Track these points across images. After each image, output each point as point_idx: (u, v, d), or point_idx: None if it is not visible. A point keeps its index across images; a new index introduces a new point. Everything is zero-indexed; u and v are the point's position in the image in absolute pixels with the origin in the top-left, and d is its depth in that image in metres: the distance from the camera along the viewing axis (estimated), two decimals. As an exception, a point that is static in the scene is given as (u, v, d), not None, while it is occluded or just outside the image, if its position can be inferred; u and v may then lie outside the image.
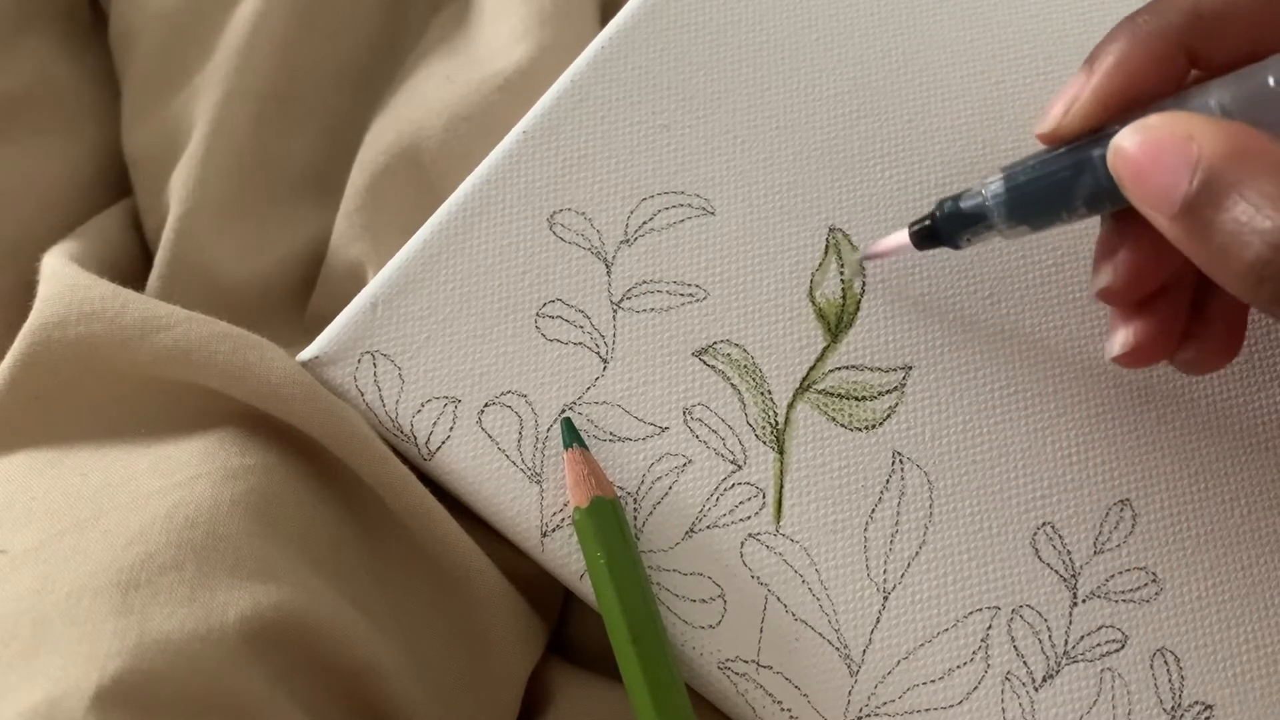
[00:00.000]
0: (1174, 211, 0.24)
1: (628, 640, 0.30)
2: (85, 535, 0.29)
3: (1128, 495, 0.34)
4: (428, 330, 0.34)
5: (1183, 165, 0.24)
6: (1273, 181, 0.23)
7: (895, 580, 0.33)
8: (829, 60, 0.38)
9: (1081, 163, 0.28)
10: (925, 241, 0.32)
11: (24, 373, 0.31)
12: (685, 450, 0.33)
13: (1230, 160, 0.23)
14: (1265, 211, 0.23)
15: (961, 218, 0.30)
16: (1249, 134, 0.24)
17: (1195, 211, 0.24)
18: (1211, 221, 0.24)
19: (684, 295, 0.35)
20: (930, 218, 0.31)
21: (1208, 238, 0.24)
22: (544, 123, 0.36)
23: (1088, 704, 0.32)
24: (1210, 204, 0.24)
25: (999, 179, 0.29)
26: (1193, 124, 0.24)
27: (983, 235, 0.30)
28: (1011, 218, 0.29)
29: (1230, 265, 0.24)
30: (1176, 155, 0.24)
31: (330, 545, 0.31)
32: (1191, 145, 0.24)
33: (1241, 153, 0.23)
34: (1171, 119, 0.25)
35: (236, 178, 0.39)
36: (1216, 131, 0.24)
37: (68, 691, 0.25)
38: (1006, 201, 0.29)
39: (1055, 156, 0.28)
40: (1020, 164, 0.29)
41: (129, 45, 0.41)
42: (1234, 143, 0.24)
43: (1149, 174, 0.25)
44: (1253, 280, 0.23)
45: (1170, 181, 0.24)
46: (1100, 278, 0.30)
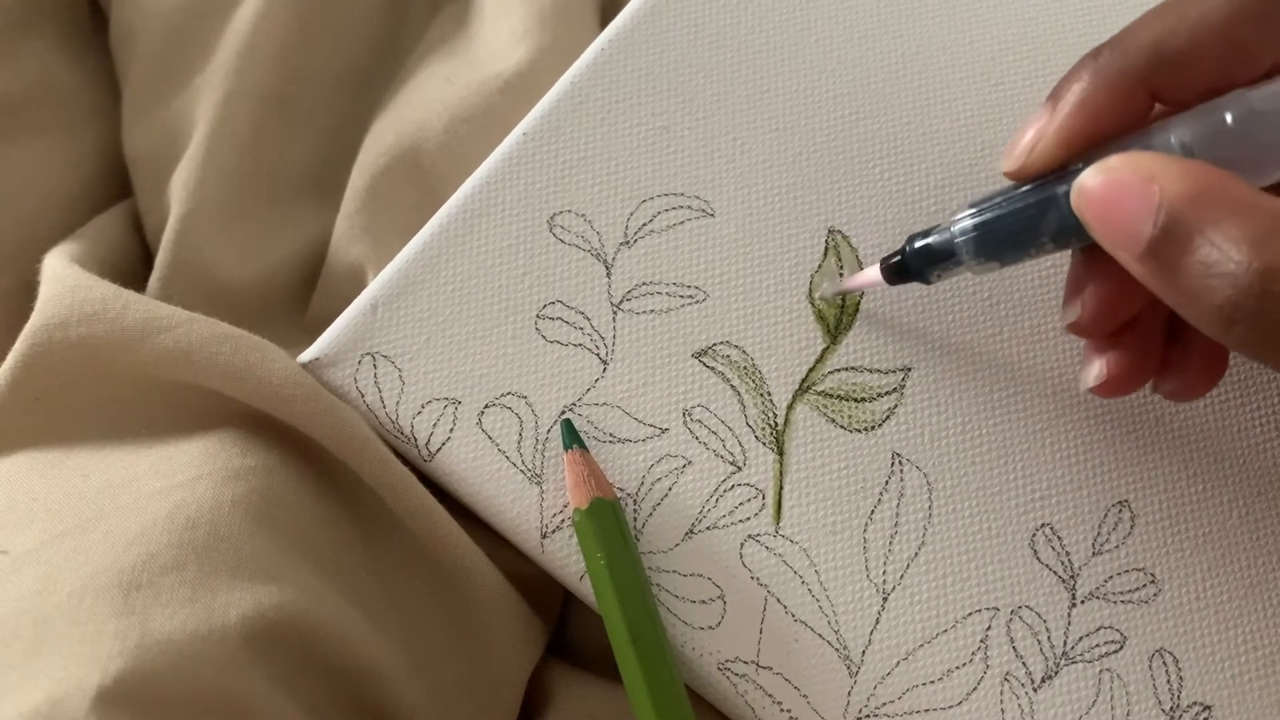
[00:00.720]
0: (1139, 253, 0.24)
1: (627, 641, 0.30)
2: (87, 536, 0.29)
3: (1126, 496, 0.34)
4: (428, 332, 0.34)
5: (1145, 208, 0.24)
6: (1236, 223, 0.23)
7: (894, 581, 0.33)
8: (828, 62, 0.38)
9: (1047, 200, 0.27)
10: (896, 277, 0.32)
11: (25, 373, 0.31)
12: (685, 451, 0.33)
13: (1192, 202, 0.23)
14: (1230, 254, 0.22)
15: (930, 254, 0.30)
16: (1210, 174, 0.24)
17: (1160, 254, 0.24)
18: (1177, 264, 0.23)
19: (684, 297, 0.35)
20: (900, 253, 0.31)
21: (1174, 280, 0.24)
22: (544, 124, 0.36)
23: (1086, 704, 0.32)
24: (1174, 247, 0.23)
25: (967, 216, 0.29)
26: (1154, 165, 0.24)
27: (952, 271, 0.30)
28: (979, 254, 0.29)
29: (1199, 308, 0.23)
30: (1139, 198, 0.24)
31: (331, 546, 0.31)
32: (1153, 187, 0.24)
33: (1203, 194, 0.23)
34: (1132, 160, 0.25)
35: (237, 179, 0.40)
36: (1178, 172, 0.24)
37: (69, 692, 0.25)
38: (975, 239, 0.29)
39: (1022, 194, 0.28)
40: (987, 201, 0.29)
41: (129, 46, 0.41)
42: (1196, 184, 0.23)
43: (1112, 216, 0.25)
44: (1222, 323, 0.23)
45: (1134, 224, 0.24)
46: (1069, 312, 0.30)
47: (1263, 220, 0.23)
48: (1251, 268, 0.22)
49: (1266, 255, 0.22)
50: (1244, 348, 0.24)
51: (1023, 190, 0.28)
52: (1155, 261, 0.24)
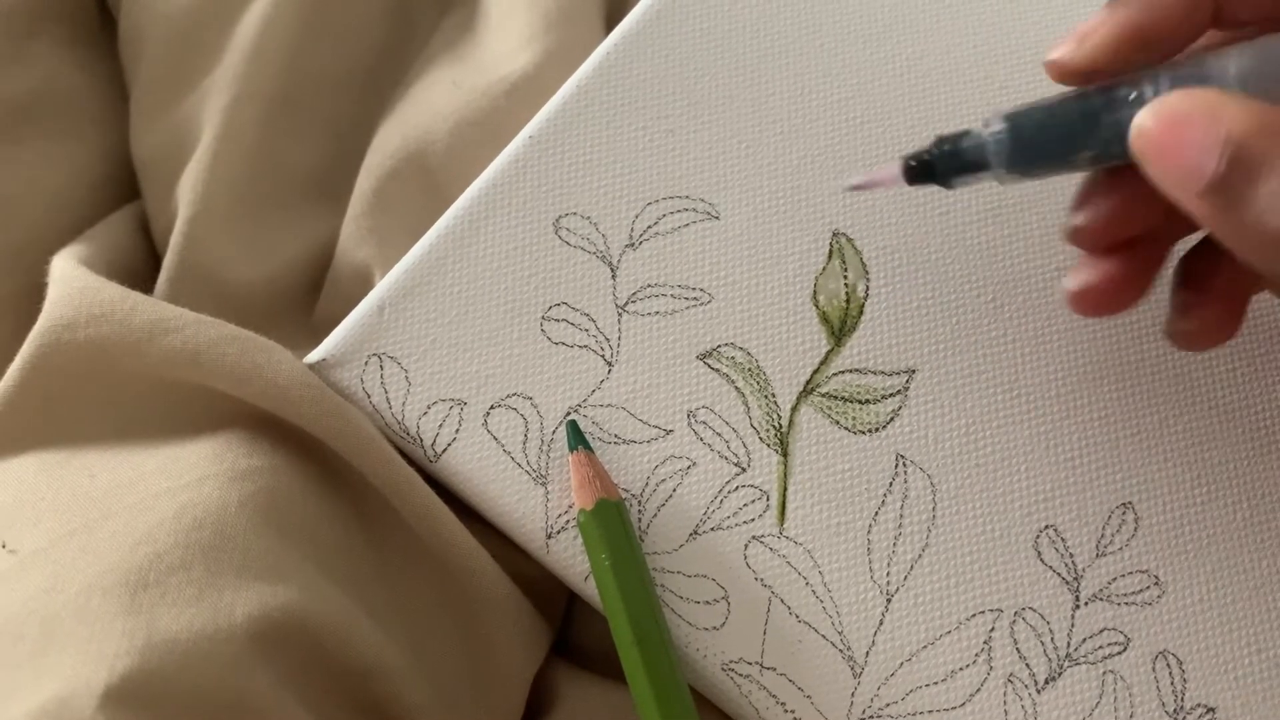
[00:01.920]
0: (1201, 188, 0.24)
1: (632, 642, 0.30)
2: (94, 535, 0.29)
3: (1130, 498, 0.34)
4: (434, 333, 0.34)
5: (1211, 143, 0.23)
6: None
7: (898, 582, 0.33)
8: (833, 66, 0.38)
9: (1090, 117, 0.27)
10: (918, 177, 0.30)
11: (33, 374, 0.32)
12: (689, 453, 0.34)
13: (1260, 136, 0.23)
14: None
15: (959, 158, 0.29)
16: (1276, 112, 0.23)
17: (1225, 188, 0.23)
18: (1243, 197, 0.23)
19: (688, 299, 0.35)
20: (927, 153, 0.30)
21: (1239, 213, 0.23)
22: (550, 127, 0.36)
23: (1090, 706, 0.32)
24: (1241, 180, 0.23)
25: (1002, 123, 0.28)
26: (1220, 100, 0.24)
27: (978, 178, 0.29)
28: (1011, 164, 0.28)
29: (1263, 240, 0.23)
30: (1204, 133, 0.24)
31: (337, 546, 0.31)
32: (1219, 123, 0.23)
33: (1272, 129, 0.23)
34: (1194, 96, 0.24)
35: (244, 181, 0.40)
36: (1242, 108, 0.23)
37: (77, 690, 0.25)
38: (1008, 147, 0.28)
39: (1061, 106, 0.27)
40: (1025, 110, 0.28)
41: (137, 49, 0.41)
42: (1265, 118, 0.23)
43: (1174, 153, 0.24)
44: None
45: (1197, 160, 0.24)
46: (1076, 217, 0.29)
47: None
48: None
49: None
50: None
51: (1062, 103, 0.27)
52: (1218, 196, 0.24)
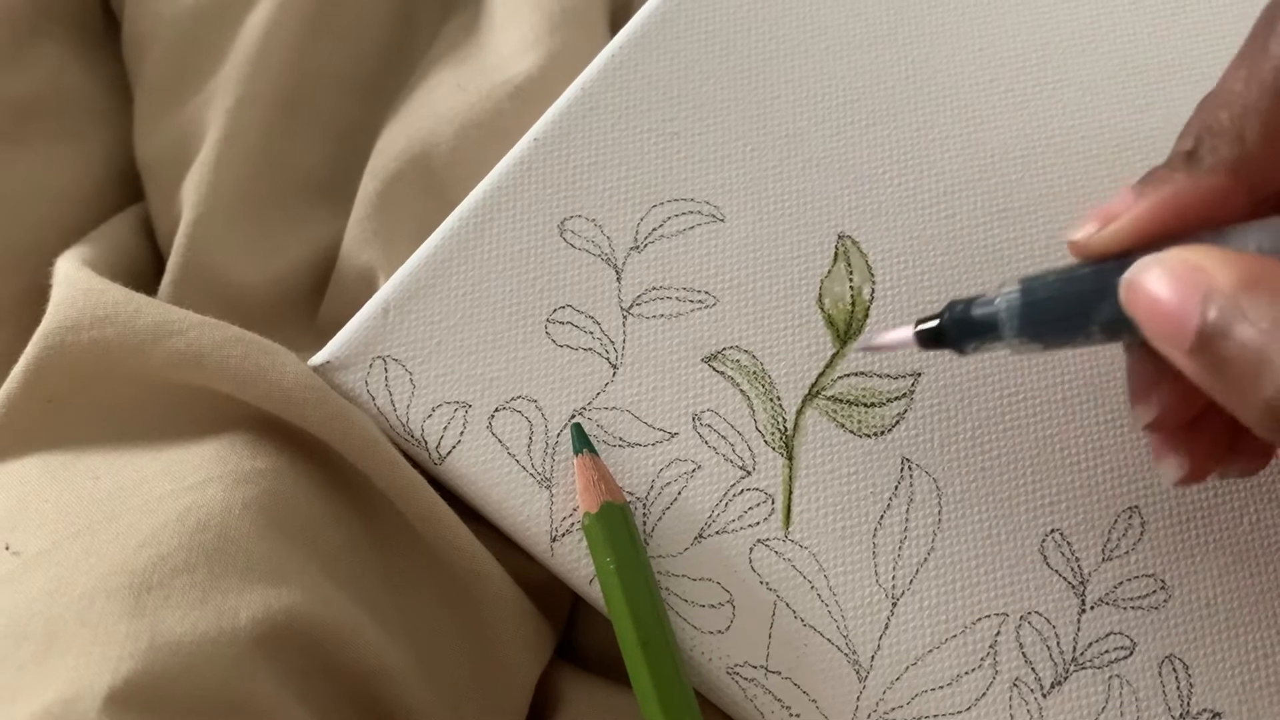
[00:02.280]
0: (1188, 346, 0.23)
1: (636, 645, 0.30)
2: (97, 538, 0.29)
3: (1136, 502, 0.34)
4: (439, 335, 0.34)
5: (1195, 297, 0.23)
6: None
7: (904, 586, 0.33)
8: (838, 68, 0.38)
9: (1104, 288, 0.26)
10: (931, 342, 0.29)
11: (37, 376, 0.32)
12: (694, 456, 0.33)
13: (1242, 289, 0.22)
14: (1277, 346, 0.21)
15: (971, 325, 0.28)
16: (1263, 263, 0.23)
17: (1209, 345, 0.22)
18: (1226, 356, 0.22)
19: (693, 301, 0.35)
20: (939, 318, 0.29)
21: (1223, 373, 0.22)
22: (554, 130, 0.36)
23: (1096, 710, 0.32)
24: (1223, 336, 0.22)
25: (1015, 290, 0.27)
26: (1203, 255, 0.23)
27: (991, 345, 0.28)
28: (1024, 333, 0.27)
29: (1247, 402, 0.22)
30: (1189, 286, 0.23)
31: (341, 549, 0.31)
32: (1203, 275, 0.23)
33: (1255, 281, 0.22)
34: (1181, 251, 0.24)
35: (248, 183, 0.40)
36: (1226, 260, 0.23)
37: (80, 693, 0.25)
38: (1020, 316, 0.27)
39: (1076, 277, 0.26)
40: (1040, 278, 0.27)
41: (141, 51, 0.41)
42: (1247, 272, 0.22)
43: (1160, 309, 0.23)
44: (1272, 420, 0.22)
45: (1182, 314, 0.23)
46: (1143, 412, 0.28)
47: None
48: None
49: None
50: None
51: (1078, 273, 0.26)
52: (1204, 355, 0.23)
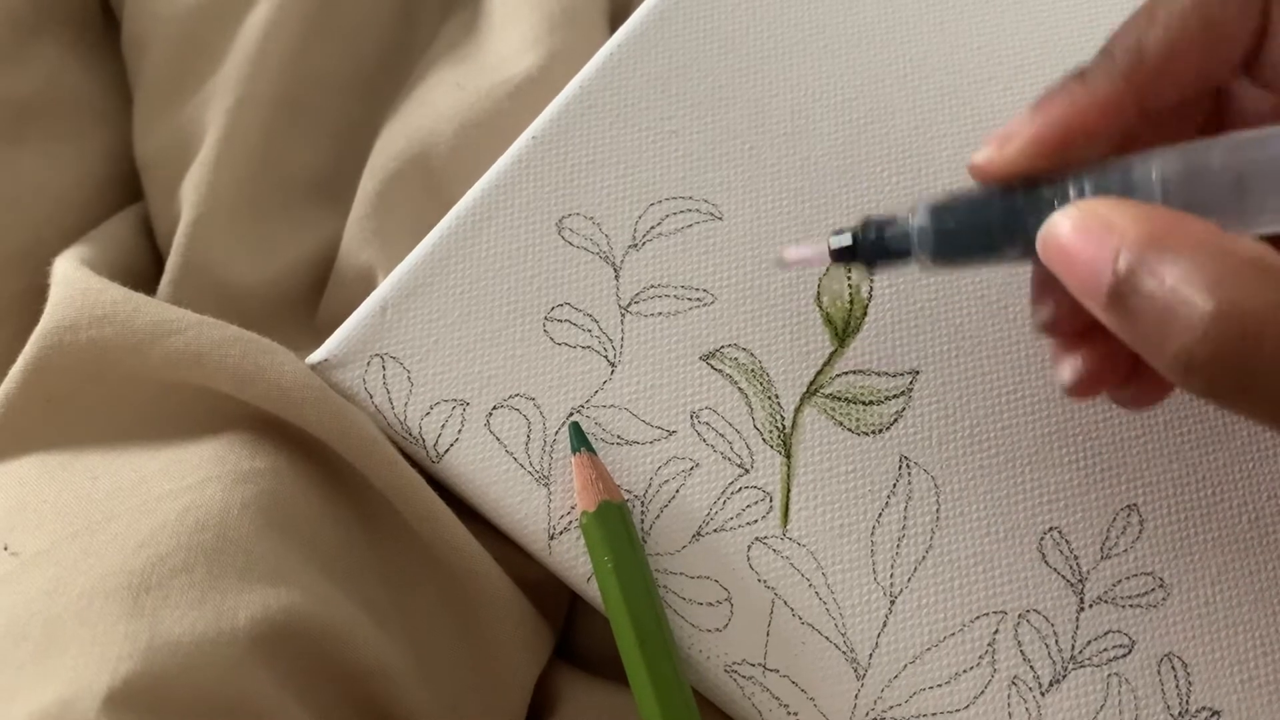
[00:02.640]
0: (1103, 301, 0.23)
1: (634, 644, 0.30)
2: (96, 538, 0.29)
3: (1135, 500, 0.34)
4: (437, 333, 0.34)
5: (1106, 253, 0.23)
6: (1193, 264, 0.22)
7: (902, 584, 0.33)
8: (836, 66, 0.38)
9: (1013, 216, 0.26)
10: (843, 258, 0.29)
11: (36, 376, 0.32)
12: (692, 454, 0.33)
13: (1150, 244, 0.23)
14: (1186, 295, 0.22)
15: (884, 247, 0.28)
16: (1169, 215, 0.23)
17: (1120, 300, 0.23)
18: (1136, 309, 0.23)
19: (691, 299, 0.35)
20: (852, 234, 0.29)
21: (1136, 326, 0.23)
22: (553, 128, 0.36)
23: (1095, 709, 0.32)
24: (1133, 291, 0.23)
25: (925, 214, 0.27)
26: (1112, 210, 0.24)
27: (900, 265, 0.29)
28: (935, 256, 0.28)
29: (1160, 355, 0.23)
30: (1098, 244, 0.23)
31: (339, 548, 0.31)
32: (1113, 231, 0.23)
33: (1162, 236, 0.23)
34: (1091, 206, 0.24)
35: (248, 183, 0.40)
36: (1136, 215, 0.23)
37: (79, 693, 0.25)
38: (931, 239, 0.27)
39: (986, 202, 0.27)
40: (949, 201, 0.27)
41: (141, 51, 0.41)
42: (1153, 225, 0.23)
43: (1075, 263, 0.24)
44: (1180, 370, 0.22)
45: (1095, 270, 0.23)
46: (1040, 311, 0.29)
47: (1221, 261, 0.22)
48: (1205, 310, 0.21)
49: (1222, 296, 0.21)
50: (1205, 396, 0.23)
51: (986, 200, 0.27)
52: (1117, 309, 0.23)
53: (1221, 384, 0.22)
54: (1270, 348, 0.21)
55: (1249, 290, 0.21)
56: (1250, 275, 0.21)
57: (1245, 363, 0.21)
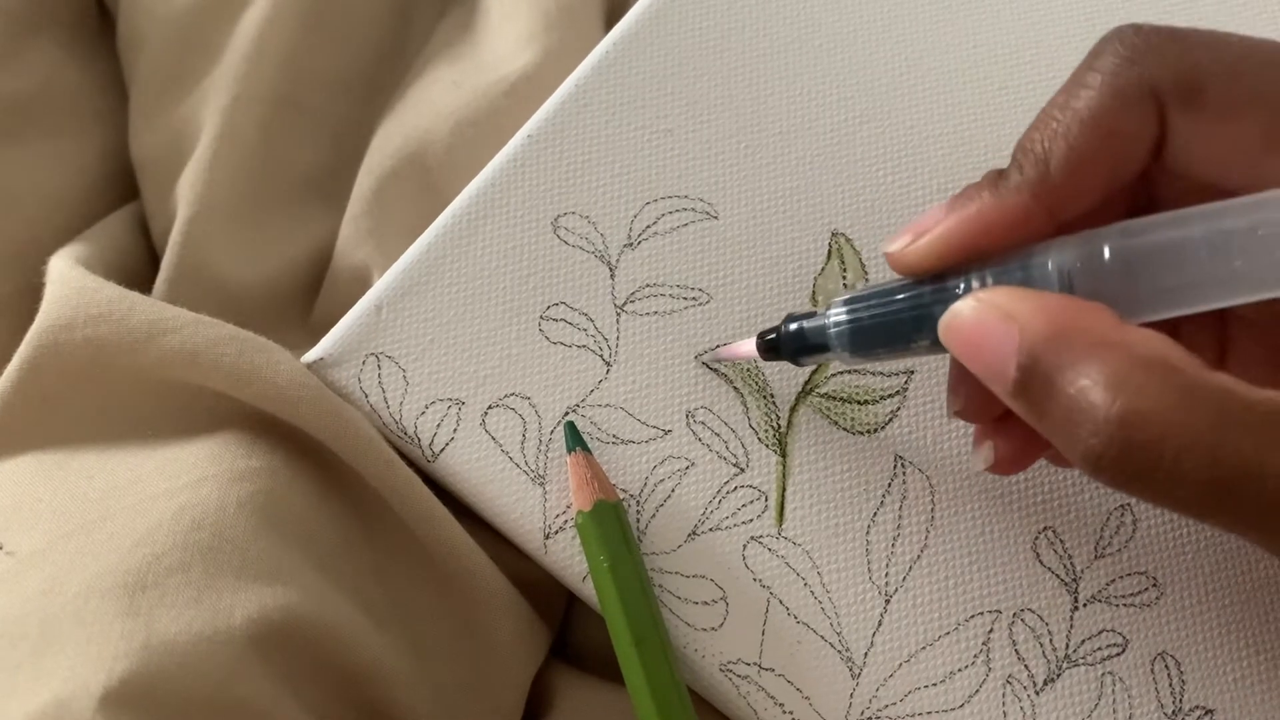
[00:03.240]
0: (1008, 392, 0.24)
1: (630, 643, 0.30)
2: (92, 537, 0.29)
3: (1128, 500, 0.34)
4: (432, 333, 0.34)
5: (1006, 349, 0.23)
6: (1094, 364, 0.22)
7: (897, 583, 0.33)
8: (832, 66, 0.38)
9: (920, 314, 0.27)
10: (770, 354, 0.31)
11: (31, 375, 0.32)
12: (688, 453, 0.34)
13: (1051, 342, 0.23)
14: (1089, 397, 0.22)
15: (804, 341, 0.29)
16: (1070, 310, 0.23)
17: (1025, 393, 0.23)
18: (1041, 405, 0.23)
19: (687, 299, 0.35)
20: (775, 333, 0.30)
21: (1041, 419, 0.23)
22: (548, 127, 0.36)
23: (1089, 707, 0.32)
24: (1037, 388, 0.23)
25: (842, 310, 0.28)
26: (1013, 303, 0.24)
27: (823, 358, 0.30)
28: (851, 350, 0.28)
29: (1067, 449, 0.23)
30: (999, 338, 0.23)
31: (335, 548, 0.31)
32: (1013, 326, 0.23)
33: (1061, 333, 0.23)
34: (992, 296, 0.24)
35: (243, 182, 0.40)
36: (1035, 309, 0.23)
37: (76, 692, 0.25)
38: (849, 335, 0.28)
39: (896, 300, 0.27)
40: (863, 296, 0.28)
41: (137, 49, 0.41)
42: (1054, 322, 0.23)
43: (977, 354, 0.24)
44: (1090, 467, 0.22)
45: (998, 362, 0.23)
46: (954, 401, 0.29)
47: (1121, 360, 0.22)
48: (1110, 413, 0.21)
49: (1124, 398, 0.21)
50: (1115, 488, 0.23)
51: (897, 296, 0.27)
52: (1023, 400, 0.23)
53: (1128, 480, 0.22)
54: (1171, 448, 0.21)
55: (1149, 393, 0.21)
56: (1149, 377, 0.22)
57: (1149, 463, 0.21)
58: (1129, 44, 0.26)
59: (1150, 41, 0.26)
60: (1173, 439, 0.21)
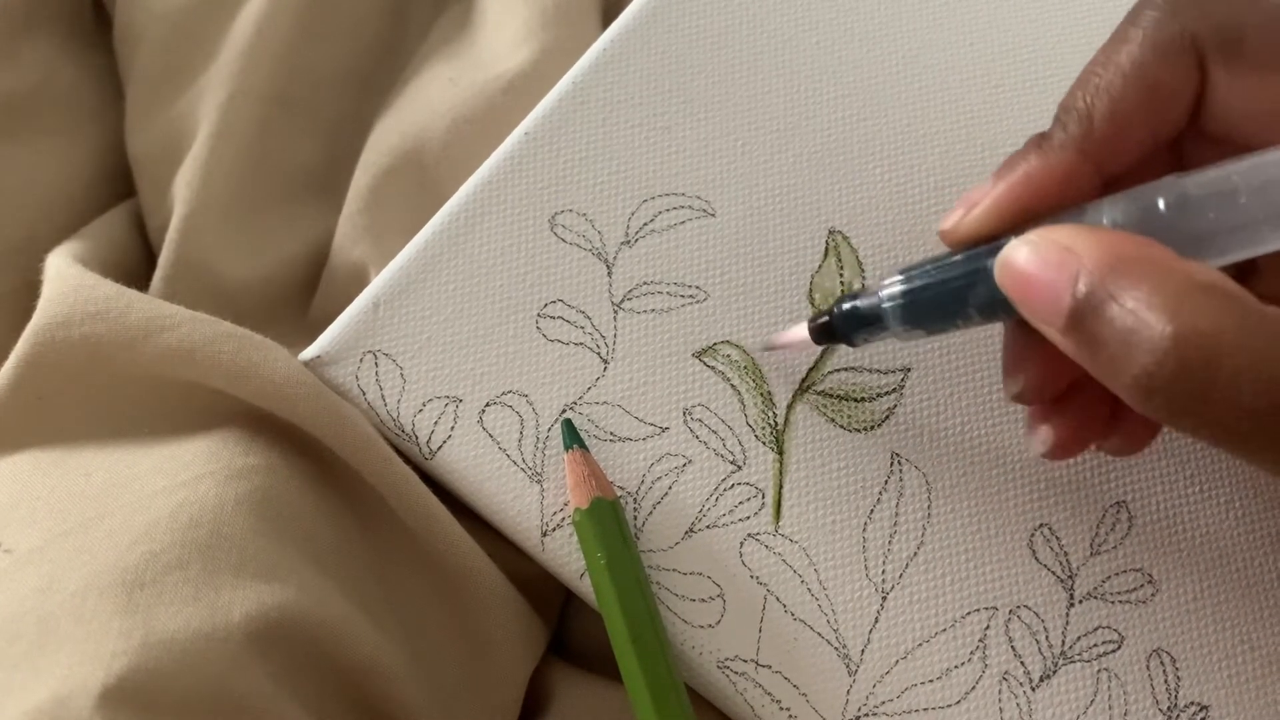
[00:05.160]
0: (1062, 324, 0.24)
1: (627, 640, 0.30)
2: (90, 535, 0.29)
3: (1124, 497, 0.34)
4: (429, 330, 0.34)
5: (1065, 277, 0.23)
6: (1153, 287, 0.22)
7: (893, 580, 0.33)
8: (829, 63, 0.38)
9: (975, 273, 0.27)
10: (823, 337, 0.31)
11: (28, 372, 0.32)
12: (685, 450, 0.34)
13: (1110, 268, 0.23)
14: (1146, 320, 0.22)
15: (857, 319, 0.30)
16: (1127, 240, 0.23)
17: (1081, 324, 0.23)
18: (1097, 333, 0.23)
19: (684, 296, 0.35)
20: (828, 314, 0.31)
21: (1096, 350, 0.23)
22: (546, 124, 0.36)
23: (1084, 704, 0.32)
24: (1093, 315, 0.23)
25: (896, 283, 0.28)
26: (1072, 235, 0.24)
27: (878, 335, 0.30)
28: (906, 322, 0.28)
29: (1120, 378, 0.23)
30: (1058, 267, 0.23)
31: (333, 545, 0.31)
32: (1072, 256, 0.23)
33: (1121, 259, 0.23)
34: (1051, 231, 0.24)
35: (240, 179, 0.40)
36: (1095, 240, 0.23)
37: (74, 690, 0.25)
38: (902, 307, 0.28)
39: (951, 264, 0.28)
40: (917, 268, 0.28)
41: (133, 46, 0.41)
42: (1113, 250, 0.23)
43: (1033, 289, 0.24)
44: (1141, 392, 0.22)
45: (1054, 294, 0.23)
46: (1011, 384, 0.29)
47: (1180, 283, 0.22)
48: (1165, 333, 0.21)
49: (1182, 319, 0.21)
50: (1164, 419, 0.23)
51: (952, 260, 0.28)
52: (1077, 333, 0.23)
53: (1180, 406, 0.22)
54: (1227, 370, 0.21)
55: (1207, 314, 0.21)
56: (1208, 299, 0.22)
57: (1203, 386, 0.21)
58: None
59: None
60: (1230, 360, 0.21)
